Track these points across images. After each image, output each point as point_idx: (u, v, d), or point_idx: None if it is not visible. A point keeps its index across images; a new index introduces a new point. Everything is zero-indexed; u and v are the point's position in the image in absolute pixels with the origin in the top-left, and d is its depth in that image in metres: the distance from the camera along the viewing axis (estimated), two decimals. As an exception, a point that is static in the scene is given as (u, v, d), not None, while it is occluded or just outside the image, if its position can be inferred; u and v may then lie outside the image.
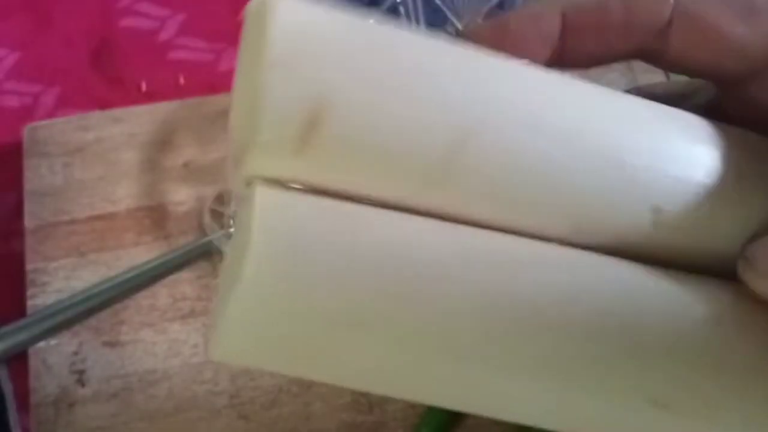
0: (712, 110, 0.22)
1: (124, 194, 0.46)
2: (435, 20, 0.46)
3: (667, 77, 0.47)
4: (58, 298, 0.42)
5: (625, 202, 0.19)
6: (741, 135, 0.22)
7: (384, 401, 0.41)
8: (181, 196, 0.46)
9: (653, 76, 0.52)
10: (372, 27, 0.18)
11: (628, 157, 0.19)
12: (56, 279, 0.43)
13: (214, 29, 0.55)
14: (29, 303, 0.43)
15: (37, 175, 0.46)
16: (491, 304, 0.18)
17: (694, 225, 0.20)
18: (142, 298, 0.43)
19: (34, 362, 0.41)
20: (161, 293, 0.43)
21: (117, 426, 0.40)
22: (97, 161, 0.47)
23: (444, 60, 0.19)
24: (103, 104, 0.51)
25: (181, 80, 0.52)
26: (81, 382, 0.41)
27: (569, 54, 0.22)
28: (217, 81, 0.52)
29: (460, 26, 0.46)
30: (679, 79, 0.25)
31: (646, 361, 0.19)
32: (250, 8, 0.19)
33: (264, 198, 0.18)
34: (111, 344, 0.42)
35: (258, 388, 0.41)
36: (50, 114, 0.51)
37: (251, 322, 0.17)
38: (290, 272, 0.17)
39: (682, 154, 0.20)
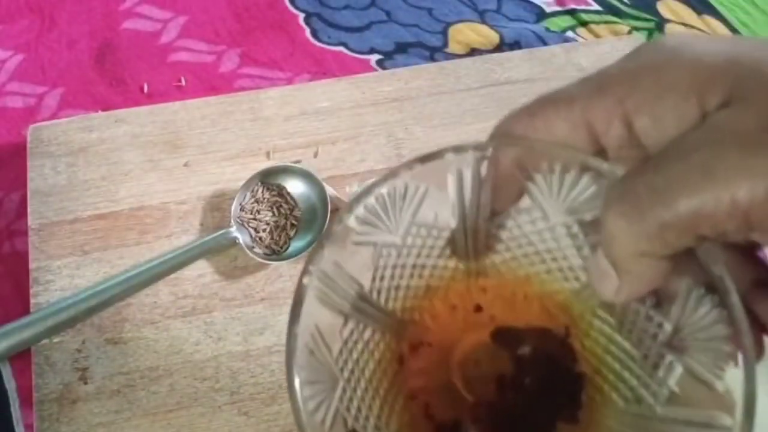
0: None
1: (126, 194, 0.46)
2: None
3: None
4: (62, 296, 0.43)
5: None
6: None
7: (382, 398, 0.41)
8: (183, 196, 0.46)
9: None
10: None
11: None
12: (60, 277, 0.44)
13: (215, 32, 0.55)
14: (33, 301, 0.43)
15: (40, 175, 0.47)
16: None
17: None
18: (145, 296, 0.43)
19: (37, 359, 0.42)
20: (163, 291, 0.44)
21: (119, 422, 0.40)
22: (100, 161, 0.47)
23: None
24: (106, 105, 0.51)
25: (183, 82, 0.53)
26: (84, 379, 0.41)
27: None
28: (218, 82, 0.53)
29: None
30: None
31: None
32: None
33: None
34: (114, 341, 0.42)
35: (258, 384, 0.41)
36: (54, 115, 0.51)
37: None
38: None
39: None
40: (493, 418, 0.27)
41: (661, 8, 0.59)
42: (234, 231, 0.44)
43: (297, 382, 0.23)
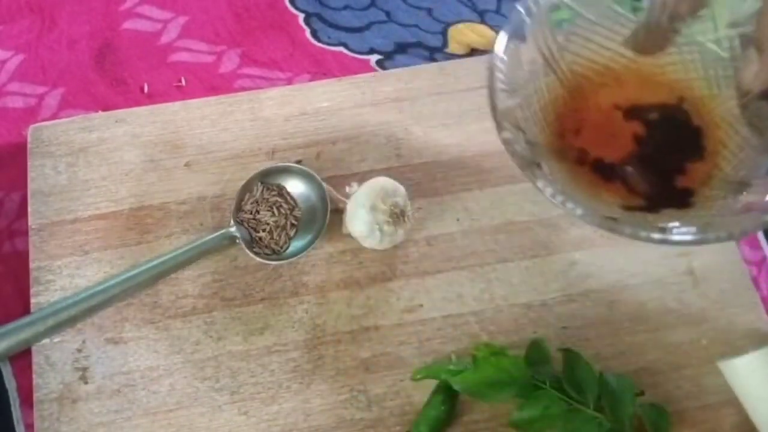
0: None
1: (126, 194, 0.47)
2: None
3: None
4: (62, 296, 0.43)
5: None
6: None
7: (382, 398, 0.41)
8: (183, 196, 0.47)
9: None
10: None
11: None
12: (60, 277, 0.44)
13: (215, 32, 0.55)
14: (33, 301, 0.43)
15: (41, 175, 0.47)
16: None
17: None
18: (145, 296, 0.43)
19: (37, 359, 0.42)
20: (163, 291, 0.44)
21: (119, 422, 0.40)
22: (100, 161, 0.48)
23: None
24: (106, 105, 0.51)
25: (183, 82, 0.53)
26: (84, 379, 0.41)
27: None
28: (218, 83, 0.53)
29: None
30: None
31: None
32: None
33: None
34: (114, 341, 0.42)
35: (258, 384, 0.41)
36: (54, 115, 0.51)
37: None
38: None
39: None
40: (638, 163, 0.37)
41: (661, 8, 0.59)
42: (234, 231, 0.44)
43: (499, 77, 0.35)
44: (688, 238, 0.32)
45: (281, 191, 0.46)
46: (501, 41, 0.36)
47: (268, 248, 0.45)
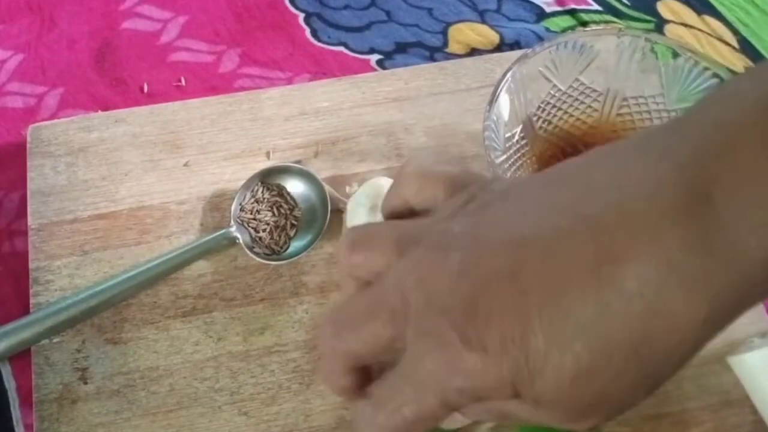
0: None
1: (126, 194, 0.46)
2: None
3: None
4: (62, 296, 0.43)
5: None
6: None
7: (382, 398, 0.41)
8: (183, 196, 0.47)
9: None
10: None
11: None
12: (59, 277, 0.44)
13: (215, 31, 0.55)
14: (33, 301, 0.43)
15: (40, 175, 0.47)
16: None
17: None
18: (145, 296, 0.43)
19: (37, 359, 0.42)
20: (163, 291, 0.44)
21: (119, 422, 0.40)
22: (99, 161, 0.47)
23: None
24: (106, 105, 0.51)
25: (183, 82, 0.53)
26: (84, 379, 0.41)
27: None
28: (218, 82, 0.53)
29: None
30: None
31: None
32: None
33: None
34: (113, 341, 0.42)
35: (258, 385, 0.41)
36: (54, 115, 0.51)
37: None
38: None
39: None
40: None
41: (661, 8, 0.59)
42: (234, 231, 0.44)
43: (491, 137, 0.40)
44: None
45: (281, 191, 0.46)
46: (491, 103, 0.40)
47: (268, 248, 0.45)
